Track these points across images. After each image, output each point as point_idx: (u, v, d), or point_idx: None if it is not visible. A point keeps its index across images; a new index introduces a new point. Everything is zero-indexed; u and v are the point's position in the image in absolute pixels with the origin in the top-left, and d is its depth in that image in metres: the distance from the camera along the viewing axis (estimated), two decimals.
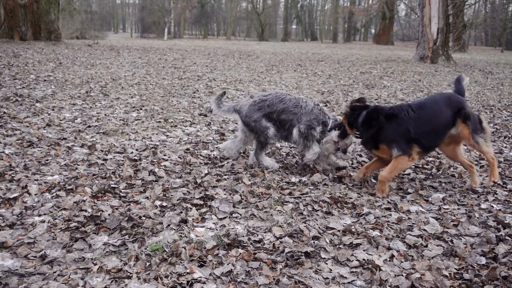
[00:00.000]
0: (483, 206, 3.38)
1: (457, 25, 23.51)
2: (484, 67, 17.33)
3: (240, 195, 3.40)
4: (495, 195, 3.62)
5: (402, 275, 2.35)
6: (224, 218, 3.02)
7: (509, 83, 11.85)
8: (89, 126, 5.33)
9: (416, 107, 3.64)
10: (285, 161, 4.39)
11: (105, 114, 5.99)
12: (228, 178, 3.80)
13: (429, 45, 17.33)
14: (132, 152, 4.39)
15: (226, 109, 4.30)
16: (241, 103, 4.27)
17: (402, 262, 2.51)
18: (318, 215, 3.12)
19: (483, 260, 2.53)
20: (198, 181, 3.64)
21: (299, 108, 4.08)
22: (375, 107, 3.77)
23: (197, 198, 3.30)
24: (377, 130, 3.61)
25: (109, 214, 2.91)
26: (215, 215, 3.04)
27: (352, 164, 4.43)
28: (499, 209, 3.30)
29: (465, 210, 3.30)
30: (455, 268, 2.43)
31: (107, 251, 2.53)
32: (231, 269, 2.36)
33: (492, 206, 3.38)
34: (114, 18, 77.27)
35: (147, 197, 3.30)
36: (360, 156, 4.74)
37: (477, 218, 3.13)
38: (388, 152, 3.60)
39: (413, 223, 3.03)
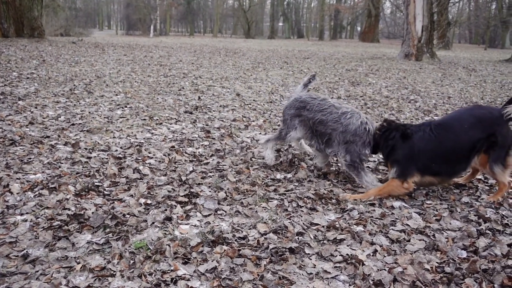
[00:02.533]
0: (464, 200, 3.44)
1: (441, 23, 23.78)
2: (468, 64, 17.58)
3: (225, 192, 3.40)
4: (477, 190, 3.68)
5: (385, 269, 2.38)
6: (209, 215, 3.01)
7: (491, 80, 12.04)
8: (73, 124, 5.27)
9: (436, 125, 3.43)
10: None
11: (89, 112, 5.93)
12: (213, 175, 3.80)
13: (413, 43, 17.50)
14: (116, 150, 4.35)
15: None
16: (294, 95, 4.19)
17: (385, 256, 2.54)
18: (302, 211, 3.14)
19: (464, 254, 2.58)
20: (183, 178, 3.63)
21: (339, 124, 3.71)
22: (394, 125, 3.59)
23: (181, 196, 3.29)
24: (391, 148, 3.50)
25: (92, 213, 2.89)
26: (200, 212, 3.04)
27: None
28: (480, 204, 3.35)
29: (448, 205, 3.35)
30: (436, 262, 2.47)
31: (90, 250, 2.51)
32: (216, 266, 2.36)
33: (473, 201, 3.43)
34: (99, 15, 76.42)
35: (132, 195, 3.28)
36: None
37: (459, 212, 3.19)
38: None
39: (396, 218, 3.07)
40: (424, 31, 17.42)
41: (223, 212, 3.08)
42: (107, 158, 4.08)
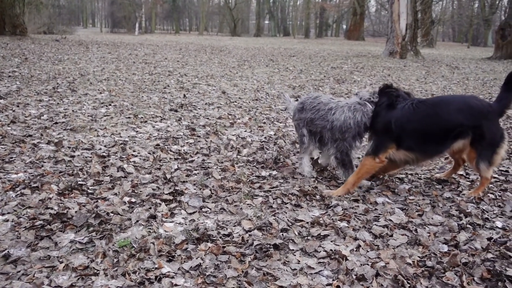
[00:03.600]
0: (446, 195, 3.49)
1: (425, 21, 24.05)
2: (451, 62, 17.82)
3: (210, 190, 3.40)
4: (459, 185, 3.75)
5: (367, 264, 2.41)
6: (194, 212, 3.01)
7: (474, 78, 12.22)
8: (56, 123, 5.20)
9: (420, 101, 3.37)
10: (255, 155, 4.40)
11: (73, 110, 5.86)
12: (198, 173, 3.79)
13: (398, 41, 17.68)
14: (100, 149, 4.31)
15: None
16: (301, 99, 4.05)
17: (368, 251, 2.57)
18: (287, 207, 3.16)
19: (445, 248, 2.62)
20: (168, 176, 3.62)
21: (326, 122, 3.65)
22: (388, 91, 3.52)
23: (166, 194, 3.28)
24: (375, 115, 3.49)
25: (76, 212, 2.86)
26: (185, 210, 3.04)
27: None
28: (462, 199, 3.41)
29: (430, 200, 3.40)
30: (418, 256, 2.51)
31: (73, 249, 2.49)
32: (200, 263, 2.37)
33: (455, 196, 3.49)
34: (83, 12, 75.39)
35: (116, 194, 3.26)
36: None
37: (441, 207, 3.24)
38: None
39: (380, 214, 3.11)
40: (408, 29, 17.61)
41: (208, 209, 3.08)
42: (90, 157, 4.04)
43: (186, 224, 2.83)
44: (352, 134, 3.59)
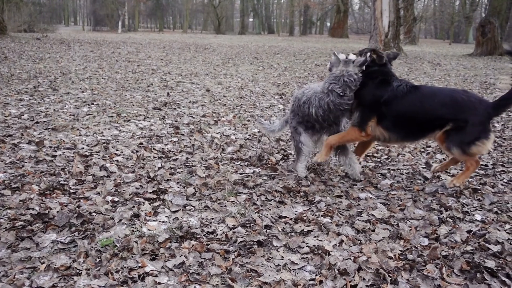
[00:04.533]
0: (427, 190, 3.55)
1: (407, 19, 24.27)
2: (433, 59, 18.06)
3: (194, 188, 3.40)
4: (440, 180, 3.81)
5: (350, 258, 2.44)
6: (177, 211, 3.00)
7: (455, 74, 12.41)
8: (37, 122, 5.13)
9: (412, 86, 3.41)
10: (239, 153, 4.40)
11: (54, 110, 5.78)
12: (182, 171, 3.78)
13: (381, 38, 17.83)
14: (82, 148, 4.27)
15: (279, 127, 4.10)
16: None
17: (350, 246, 2.60)
18: (271, 204, 3.17)
19: (426, 241, 2.67)
20: (151, 175, 3.60)
21: (301, 116, 3.73)
22: (382, 62, 3.53)
23: (150, 192, 3.26)
24: (363, 85, 3.45)
25: (57, 212, 2.83)
26: (168, 209, 3.03)
27: None
28: (442, 193, 3.47)
29: (411, 195, 3.45)
30: (399, 250, 2.55)
31: (55, 249, 2.46)
32: (184, 261, 2.36)
33: (436, 190, 3.55)
34: (65, 10, 74.18)
35: (98, 193, 3.23)
36: None
37: (422, 202, 3.29)
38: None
39: (362, 209, 3.14)
40: (390, 26, 17.78)
41: (192, 207, 3.08)
42: (73, 156, 4.00)
43: (169, 223, 2.82)
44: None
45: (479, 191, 3.50)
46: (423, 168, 4.16)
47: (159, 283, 2.17)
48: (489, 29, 20.49)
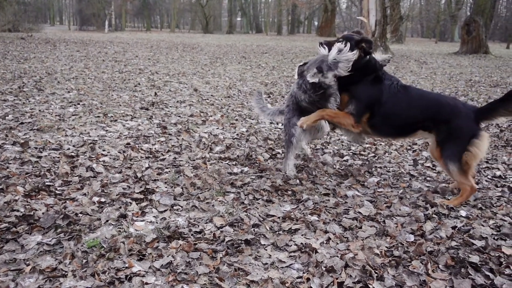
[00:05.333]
0: (413, 187, 3.59)
1: (394, 17, 24.47)
2: (420, 57, 18.24)
3: (182, 188, 3.39)
4: (425, 177, 3.85)
5: (337, 256, 2.46)
6: (165, 211, 2.99)
7: (441, 72, 12.55)
8: (22, 123, 5.06)
9: (402, 86, 3.48)
10: (227, 152, 4.40)
11: (40, 110, 5.72)
12: (169, 171, 3.77)
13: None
14: (68, 148, 4.23)
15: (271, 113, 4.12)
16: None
17: (337, 244, 2.61)
18: (259, 203, 3.18)
19: (412, 238, 2.70)
20: (139, 175, 3.58)
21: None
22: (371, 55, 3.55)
23: (137, 193, 3.25)
24: (357, 81, 3.46)
25: (43, 213, 2.80)
26: (156, 209, 3.02)
27: None
28: (428, 189, 3.51)
29: (398, 192, 3.49)
30: (386, 247, 2.57)
31: (40, 251, 2.44)
32: (171, 261, 2.36)
33: (422, 188, 3.59)
34: (50, 9, 73.34)
35: (85, 194, 3.20)
36: None
37: (408, 199, 3.33)
38: (344, 103, 3.53)
39: (350, 207, 3.16)
40: (377, 25, 17.91)
41: (180, 207, 3.07)
42: (58, 157, 3.96)
43: (157, 223, 2.81)
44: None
45: None
46: (409, 165, 4.20)
47: (146, 283, 2.17)
48: (474, 27, 20.75)
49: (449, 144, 3.23)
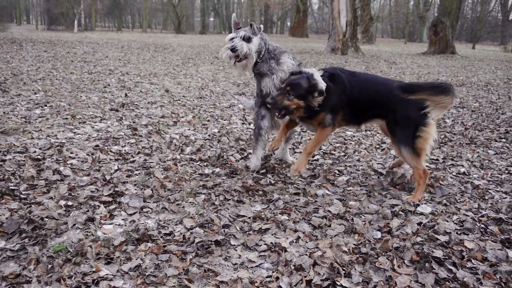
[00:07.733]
0: (382, 185, 3.66)
1: (364, 18, 24.91)
2: (389, 57, 18.61)
3: (152, 190, 3.35)
4: (394, 176, 3.93)
5: (306, 254, 2.49)
6: (134, 213, 2.96)
7: (410, 72, 12.84)
8: None
9: (350, 74, 3.74)
10: (199, 153, 4.38)
11: (4, 112, 5.55)
12: (139, 173, 3.73)
13: (339, 37, 18.21)
14: (34, 151, 4.12)
15: None
16: None
17: (307, 242, 2.64)
18: (229, 204, 3.18)
19: (379, 234, 2.75)
20: (107, 177, 3.52)
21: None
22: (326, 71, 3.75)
23: (105, 195, 3.20)
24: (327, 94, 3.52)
25: (6, 218, 2.72)
26: (125, 211, 2.98)
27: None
28: (396, 187, 3.59)
29: (366, 190, 3.55)
30: (354, 244, 2.62)
31: (4, 257, 2.37)
32: (140, 264, 2.33)
33: (390, 186, 3.67)
34: (17, 8, 71.09)
35: (51, 197, 3.13)
36: None
37: (376, 196, 3.39)
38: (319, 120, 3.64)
39: (319, 206, 3.20)
40: (348, 26, 18.19)
41: (149, 209, 3.04)
42: (24, 160, 3.85)
43: (126, 225, 2.78)
44: None
45: (431, 185, 3.64)
46: (378, 163, 4.28)
47: (114, 287, 2.14)
48: (441, 28, 21.33)
49: (398, 131, 3.45)
